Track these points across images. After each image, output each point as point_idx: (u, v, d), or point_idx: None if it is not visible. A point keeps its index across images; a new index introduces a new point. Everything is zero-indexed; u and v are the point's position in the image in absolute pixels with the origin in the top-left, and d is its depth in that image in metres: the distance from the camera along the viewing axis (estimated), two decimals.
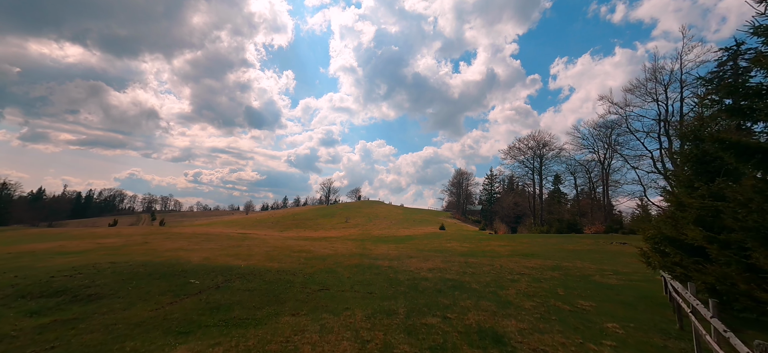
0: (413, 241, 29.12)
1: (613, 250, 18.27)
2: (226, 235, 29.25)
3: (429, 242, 27.60)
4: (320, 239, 32.15)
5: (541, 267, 12.29)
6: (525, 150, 49.37)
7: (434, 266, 12.86)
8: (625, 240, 22.18)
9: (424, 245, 25.19)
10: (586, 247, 19.93)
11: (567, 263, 13.30)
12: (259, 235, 32.86)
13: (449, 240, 28.41)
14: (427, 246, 23.75)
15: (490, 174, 73.98)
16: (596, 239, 24.09)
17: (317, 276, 10.80)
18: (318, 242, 26.78)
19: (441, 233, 37.40)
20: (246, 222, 60.54)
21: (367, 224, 52.95)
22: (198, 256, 14.09)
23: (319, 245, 23.18)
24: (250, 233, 36.38)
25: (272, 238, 29.03)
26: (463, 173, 78.16)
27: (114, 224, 56.95)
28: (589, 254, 16.80)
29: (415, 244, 26.22)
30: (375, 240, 31.09)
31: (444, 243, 25.98)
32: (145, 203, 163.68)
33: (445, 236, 33.58)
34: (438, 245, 24.98)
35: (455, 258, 16.29)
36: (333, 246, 22.92)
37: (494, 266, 12.87)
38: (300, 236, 36.53)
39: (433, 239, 29.89)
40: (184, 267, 11.33)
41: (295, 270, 11.60)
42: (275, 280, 9.97)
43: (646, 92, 30.69)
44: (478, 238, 29.52)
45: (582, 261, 13.88)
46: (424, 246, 23.69)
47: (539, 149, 48.00)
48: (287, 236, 34.23)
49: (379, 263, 13.76)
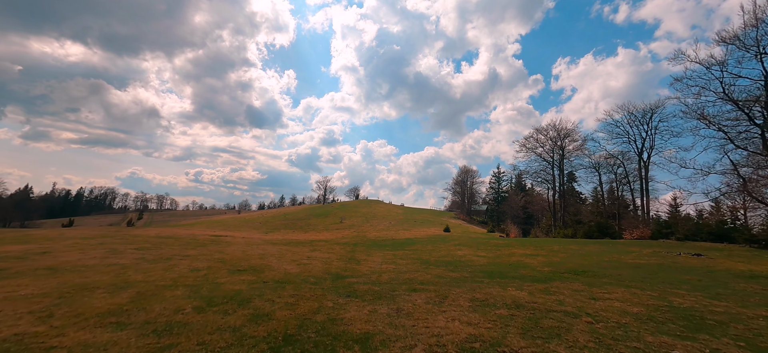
0: (415, 246, 23.98)
1: (697, 265, 13.07)
2: (189, 239, 24.20)
3: (434, 248, 22.44)
4: (305, 243, 27.07)
5: (650, 310, 7.14)
6: (544, 142, 43.91)
7: (463, 318, 7.74)
8: (697, 250, 16.96)
9: (428, 253, 20.05)
10: (652, 261, 14.71)
11: (676, 297, 8.13)
12: (234, 238, 27.84)
13: (459, 246, 23.27)
14: (433, 255, 18.62)
15: (497, 172, 68.74)
16: (653, 248, 18.87)
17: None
18: (297, 249, 21.69)
19: (447, 236, 32.23)
20: (233, 222, 55.56)
21: (364, 224, 47.83)
22: (69, 281, 8.99)
23: (294, 255, 18.12)
24: (228, 235, 31.35)
25: (242, 243, 23.98)
26: (468, 171, 72.93)
27: (69, 225, 51.97)
28: (673, 273, 11.59)
29: (417, 251, 21.08)
30: (369, 244, 25.97)
31: (453, 250, 20.82)
32: (139, 202, 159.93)
33: (453, 239, 28.40)
34: (446, 252, 19.83)
35: (483, 281, 11.12)
36: (312, 256, 17.85)
37: (563, 302, 7.72)
38: (285, 238, 31.46)
39: (438, 244, 24.72)
40: None
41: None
42: None
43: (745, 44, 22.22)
44: (493, 244, 24.34)
45: (689, 292, 8.69)
46: (429, 255, 18.58)
47: (560, 140, 42.52)
48: (267, 239, 29.18)
49: (353, 312, 8.65)
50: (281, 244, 25.33)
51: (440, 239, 30.18)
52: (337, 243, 27.31)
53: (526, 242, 26.05)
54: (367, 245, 26.21)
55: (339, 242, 27.99)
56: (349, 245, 25.71)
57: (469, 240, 27.37)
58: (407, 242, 27.79)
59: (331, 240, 30.41)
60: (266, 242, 25.72)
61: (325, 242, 27.81)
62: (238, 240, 26.06)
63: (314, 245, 25.23)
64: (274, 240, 28.68)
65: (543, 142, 43.29)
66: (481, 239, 29.38)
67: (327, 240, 30.25)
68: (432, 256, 18.36)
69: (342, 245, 25.69)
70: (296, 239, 31.28)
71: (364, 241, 29.70)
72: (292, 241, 28.59)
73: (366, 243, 27.38)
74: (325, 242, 28.58)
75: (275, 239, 29.55)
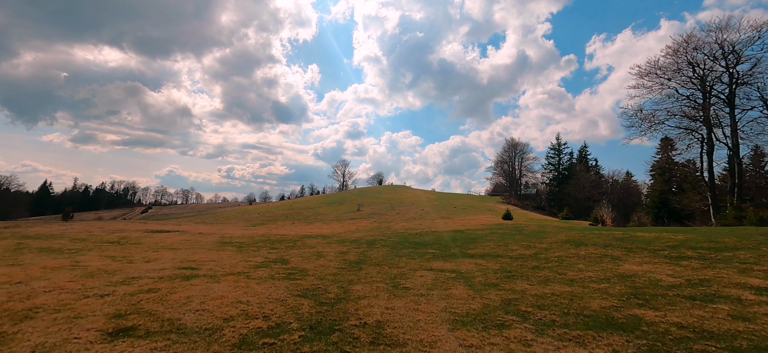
0: (481, 245, 12.94)
1: None
2: (85, 237, 14.56)
3: (536, 252, 11.30)
4: (289, 242, 16.85)
5: None
6: (698, 60, 24.81)
7: None
8: None
9: (538, 266, 8.96)
10: None
11: None
12: (172, 236, 18.18)
13: (573, 243, 11.98)
14: (561, 272, 7.43)
15: (556, 144, 54.95)
16: None
17: None
18: (256, 256, 11.37)
19: (521, 226, 20.76)
20: (229, 215, 46.85)
21: (388, 213, 37.11)
22: None
23: (234, 277, 7.67)
24: (177, 230, 21.89)
25: (157, 245, 14.03)
26: (517, 145, 59.66)
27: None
28: None
29: (503, 262, 10.09)
30: (397, 243, 15.24)
31: (612, 265, 9.57)
32: (160, 196, 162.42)
33: (543, 232, 17.00)
34: (600, 268, 8.63)
35: None
36: (253, 286, 7.30)
37: None
38: (266, 234, 21.44)
39: (529, 241, 13.51)
40: None
41: None
42: None
43: None
44: (636, 242, 12.76)
45: None
46: (553, 273, 7.40)
47: (731, 55, 23.49)
48: (236, 236, 19.34)
49: None
50: (244, 246, 15.20)
51: (515, 231, 18.79)
52: (342, 240, 16.79)
53: (690, 233, 13.96)
54: (392, 243, 15.42)
55: (346, 239, 17.47)
56: (360, 245, 15.04)
57: (582, 236, 15.87)
58: (462, 239, 16.71)
59: (337, 236, 19.95)
60: (218, 244, 15.67)
61: (323, 240, 17.40)
62: (165, 240, 16.27)
63: (300, 245, 14.81)
64: (242, 238, 18.67)
65: (700, 60, 25.18)
66: (581, 234, 17.75)
67: (329, 236, 19.80)
68: (558, 273, 7.21)
69: (350, 245, 15.08)
70: (284, 234, 21.08)
71: (388, 236, 18.97)
72: (271, 239, 18.35)
73: (391, 240, 16.65)
74: (324, 238, 18.14)
75: (245, 237, 19.57)
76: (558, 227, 20.20)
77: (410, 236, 18.71)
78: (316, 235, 20.27)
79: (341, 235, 20.20)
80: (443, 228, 22.84)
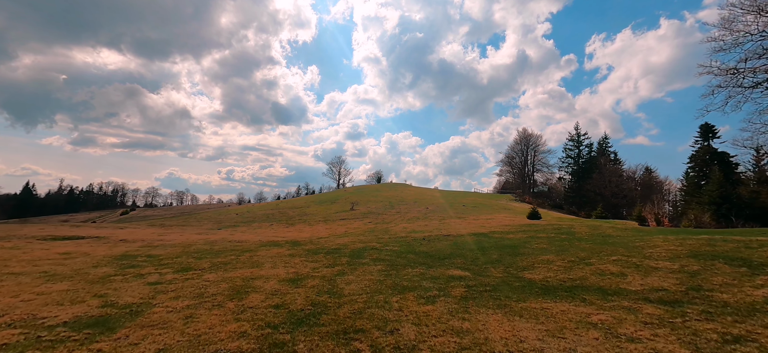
0: (540, 264, 7.34)
1: None
2: None
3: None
4: (237, 256, 11.25)
5: None
6: None
7: None
8: None
9: None
10: None
11: None
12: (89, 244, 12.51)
13: (717, 259, 6.49)
14: None
15: (575, 134, 49.14)
16: None
17: None
18: (143, 275, 5.54)
19: (558, 230, 15.18)
20: (202, 217, 41.22)
21: (387, 211, 31.49)
22: None
23: None
24: (138, 237, 16.42)
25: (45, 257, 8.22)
26: (530, 136, 53.97)
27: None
28: None
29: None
30: (399, 252, 9.63)
31: None
32: (148, 197, 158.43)
33: (597, 238, 11.47)
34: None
35: None
36: None
37: None
38: (222, 240, 15.90)
39: (641, 268, 7.94)
40: None
41: None
42: None
43: None
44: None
45: None
46: None
47: None
48: (180, 243, 13.76)
49: None
50: (137, 265, 9.71)
51: (562, 234, 13.24)
52: (315, 250, 11.25)
53: None
54: (390, 255, 9.83)
55: (323, 248, 11.92)
56: (339, 259, 9.48)
57: (697, 245, 10.29)
58: (494, 247, 11.17)
59: (314, 242, 14.35)
60: (103, 261, 10.13)
61: (289, 249, 11.85)
62: (33, 255, 10.74)
63: (241, 263, 9.26)
64: (168, 248, 13.22)
65: None
66: (722, 240, 12.18)
67: (302, 242, 14.20)
68: None
69: (322, 260, 9.51)
70: (242, 241, 15.51)
71: (385, 242, 13.37)
72: (214, 249, 12.86)
73: (388, 248, 11.08)
74: (292, 247, 12.55)
75: (177, 245, 14.11)
76: (622, 230, 14.63)
77: (415, 242, 13.13)
78: (285, 241, 14.67)
79: (320, 241, 14.60)
80: (459, 230, 17.25)
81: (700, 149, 37.82)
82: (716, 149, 36.65)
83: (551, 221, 21.98)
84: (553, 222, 21.34)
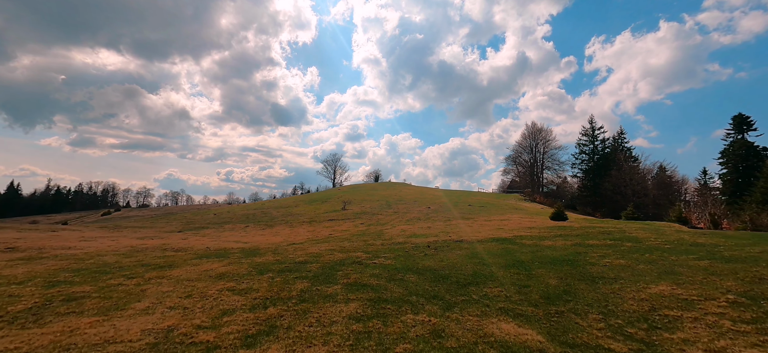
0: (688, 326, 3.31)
1: None
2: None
3: None
4: (142, 277, 7.13)
5: None
6: None
7: None
8: None
9: None
10: None
11: None
12: None
13: None
14: None
15: (590, 127, 45.15)
16: None
17: None
18: None
19: (604, 233, 11.29)
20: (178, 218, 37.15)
21: (383, 212, 27.52)
22: None
23: None
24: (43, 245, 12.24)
25: None
26: (540, 130, 49.98)
27: None
28: None
29: None
30: (385, 278, 5.60)
31: None
32: (139, 197, 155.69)
33: (668, 245, 7.47)
34: None
35: None
36: None
37: None
38: (159, 246, 11.86)
39: None
40: None
41: None
42: None
43: None
44: None
45: None
46: None
47: None
48: (102, 250, 9.60)
49: None
50: None
51: (631, 247, 9.33)
52: (263, 269, 7.39)
53: None
54: (376, 280, 5.88)
55: (285, 261, 8.06)
56: (297, 281, 5.46)
57: None
58: (537, 261, 7.18)
59: (280, 252, 10.42)
60: None
61: (236, 260, 7.98)
62: None
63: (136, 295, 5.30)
64: (78, 259, 9.13)
65: None
66: None
67: (262, 251, 10.23)
68: None
69: (274, 279, 5.48)
70: (182, 247, 11.54)
71: (375, 252, 9.45)
72: (121, 264, 8.82)
73: (375, 264, 7.20)
74: (242, 256, 8.63)
75: (152, 246, 10.03)
76: (678, 233, 10.74)
77: (417, 252, 9.22)
78: (239, 250, 10.72)
79: (287, 250, 10.64)
80: (473, 234, 13.33)
81: (733, 143, 33.95)
82: (753, 143, 32.81)
83: (581, 224, 18.11)
84: (585, 224, 17.46)
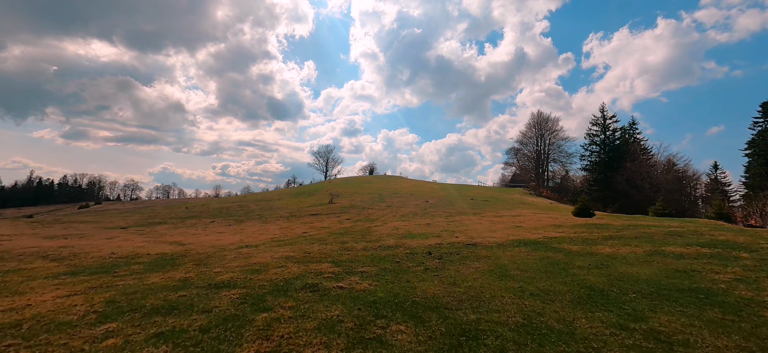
0: None
1: None
2: None
3: None
4: None
5: None
6: None
7: None
8: None
9: None
10: None
11: None
12: None
13: None
14: None
15: (601, 116, 41.81)
16: None
17: None
18: None
19: (675, 234, 8.03)
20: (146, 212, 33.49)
21: (374, 206, 24.10)
22: None
23: None
24: None
25: None
26: (546, 120, 46.66)
27: None
28: None
29: None
30: None
31: None
32: (126, 190, 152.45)
33: None
34: None
35: None
36: None
37: None
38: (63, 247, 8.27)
39: None
40: None
41: None
42: None
43: None
44: None
45: None
46: None
47: None
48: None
49: None
50: None
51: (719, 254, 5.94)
52: (156, 286, 4.00)
53: None
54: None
55: (185, 287, 4.68)
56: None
57: None
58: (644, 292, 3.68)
59: (202, 262, 6.96)
60: None
61: (124, 272, 4.58)
62: None
63: None
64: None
65: None
66: None
67: (205, 255, 6.80)
68: None
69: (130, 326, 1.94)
70: (96, 252, 8.04)
71: (353, 258, 6.03)
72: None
73: (353, 288, 3.83)
74: (143, 270, 5.21)
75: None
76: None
77: (413, 263, 5.87)
78: (157, 255, 7.26)
79: (221, 260, 7.21)
80: (487, 235, 9.96)
81: (762, 132, 30.84)
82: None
83: (614, 222, 14.83)
84: (624, 223, 14.15)
